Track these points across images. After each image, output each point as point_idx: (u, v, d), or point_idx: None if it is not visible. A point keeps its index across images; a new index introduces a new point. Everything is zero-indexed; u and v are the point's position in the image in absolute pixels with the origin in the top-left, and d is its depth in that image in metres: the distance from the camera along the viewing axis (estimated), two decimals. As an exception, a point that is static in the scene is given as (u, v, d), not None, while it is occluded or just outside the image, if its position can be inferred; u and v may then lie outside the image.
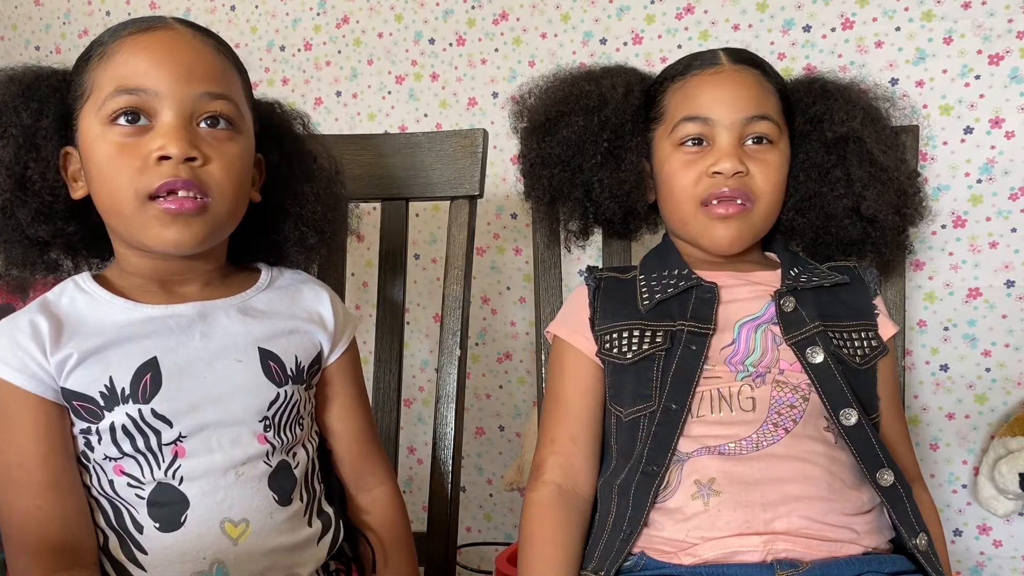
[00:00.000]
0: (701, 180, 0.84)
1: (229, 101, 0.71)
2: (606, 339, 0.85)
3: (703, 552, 0.75)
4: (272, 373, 0.74)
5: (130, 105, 0.67)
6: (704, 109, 0.85)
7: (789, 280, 0.86)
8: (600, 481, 0.84)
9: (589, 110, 0.90)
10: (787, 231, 0.92)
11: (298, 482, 0.75)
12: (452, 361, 0.94)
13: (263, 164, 0.81)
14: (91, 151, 0.69)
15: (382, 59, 1.46)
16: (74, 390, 0.67)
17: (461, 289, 0.97)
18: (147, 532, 0.68)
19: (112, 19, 1.62)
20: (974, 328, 1.21)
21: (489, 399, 1.48)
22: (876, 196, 0.86)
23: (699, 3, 1.26)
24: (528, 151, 0.94)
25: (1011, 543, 1.25)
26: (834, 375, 0.80)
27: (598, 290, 0.89)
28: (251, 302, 0.78)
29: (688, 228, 0.87)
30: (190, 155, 0.67)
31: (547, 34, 1.35)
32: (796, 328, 0.82)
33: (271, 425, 0.73)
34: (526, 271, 1.41)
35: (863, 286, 0.89)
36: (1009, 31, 1.13)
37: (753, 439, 0.78)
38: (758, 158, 0.85)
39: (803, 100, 0.90)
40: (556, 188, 0.92)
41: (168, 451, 0.69)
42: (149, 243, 0.69)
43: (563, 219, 0.97)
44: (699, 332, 0.82)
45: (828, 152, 0.88)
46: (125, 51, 0.69)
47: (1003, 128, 1.15)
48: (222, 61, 0.72)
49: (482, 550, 1.51)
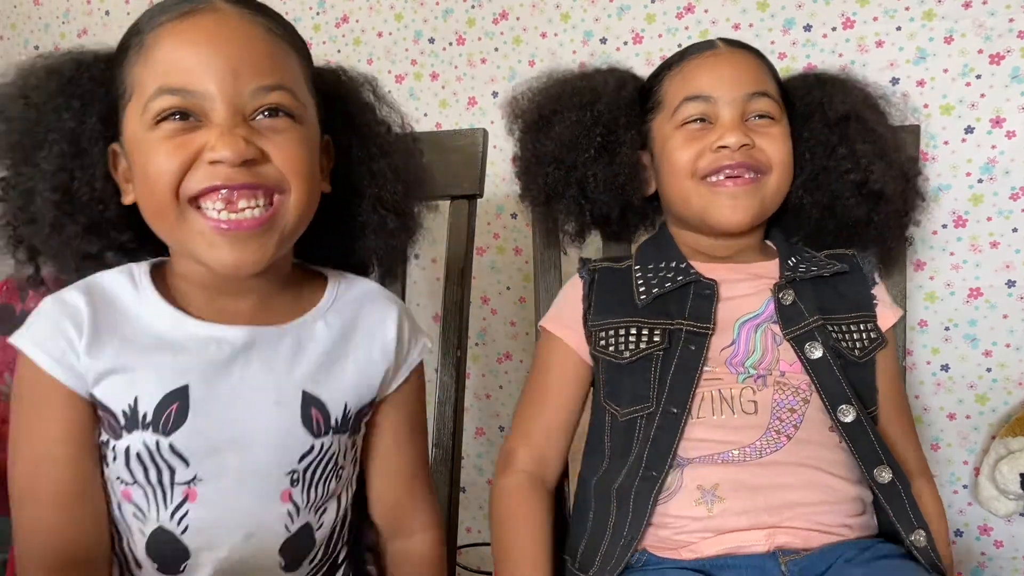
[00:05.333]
0: (704, 155, 0.83)
1: (286, 91, 0.62)
2: (601, 336, 0.85)
3: (706, 548, 0.75)
4: (312, 422, 0.66)
5: (175, 107, 0.59)
6: (705, 88, 0.85)
7: (788, 271, 0.85)
8: (593, 480, 0.84)
9: (582, 105, 0.89)
10: (793, 213, 0.91)
11: (317, 544, 0.68)
12: (452, 361, 0.94)
13: (331, 147, 0.71)
14: (135, 154, 0.61)
15: (382, 59, 1.45)
16: (100, 399, 0.62)
17: (461, 289, 0.97)
18: (146, 569, 0.63)
19: (111, 18, 1.62)
20: (975, 328, 1.20)
21: (489, 399, 1.48)
22: (883, 170, 0.86)
23: (699, 2, 1.26)
24: (523, 151, 0.94)
25: (1012, 544, 1.25)
26: (832, 370, 0.80)
27: (592, 283, 0.89)
28: (309, 330, 0.68)
29: (691, 206, 0.86)
30: (246, 156, 0.58)
31: (547, 34, 1.35)
32: (795, 323, 0.81)
33: (300, 480, 0.65)
34: (526, 271, 1.41)
35: (861, 275, 0.88)
36: (1010, 30, 1.12)
37: (756, 446, 0.77)
38: (763, 131, 0.84)
39: (800, 89, 0.91)
40: (551, 187, 0.92)
41: (179, 491, 0.62)
42: (206, 263, 0.61)
43: (559, 221, 0.97)
44: (698, 332, 0.81)
45: (831, 131, 0.88)
46: (165, 44, 0.60)
47: (1004, 128, 1.14)
48: (276, 44, 0.63)
49: (482, 550, 1.51)
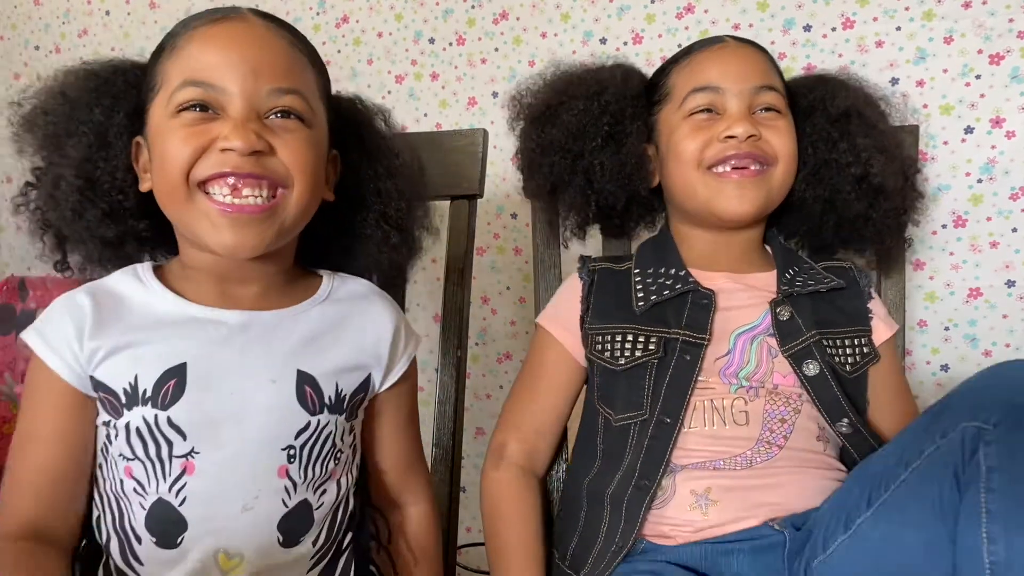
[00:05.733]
0: (711, 144, 0.84)
1: (299, 96, 0.68)
2: (597, 340, 0.85)
3: (702, 536, 0.76)
4: (307, 399, 0.69)
5: (197, 98, 0.65)
6: (713, 79, 0.85)
7: (785, 285, 0.85)
8: (585, 480, 0.84)
9: (589, 95, 0.90)
10: (795, 208, 0.91)
11: (316, 524, 0.70)
12: (452, 361, 0.94)
13: (338, 161, 0.78)
14: (156, 139, 0.67)
15: (382, 59, 1.45)
16: (101, 380, 0.66)
17: (461, 289, 0.97)
18: (145, 543, 0.66)
19: (111, 18, 1.62)
20: (975, 328, 1.20)
21: (489, 399, 1.48)
22: (883, 165, 0.87)
23: (699, 3, 1.26)
24: (527, 142, 0.93)
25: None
26: (830, 386, 0.80)
27: (592, 285, 0.89)
28: (304, 316, 0.73)
29: (696, 196, 0.86)
30: (256, 148, 0.64)
31: (547, 34, 1.35)
32: (792, 339, 0.82)
33: (296, 457, 0.68)
34: (526, 271, 1.41)
35: (858, 289, 0.89)
36: (1010, 31, 1.12)
37: (747, 456, 0.78)
38: (769, 124, 0.85)
39: (802, 87, 0.91)
40: (557, 176, 0.92)
41: (178, 464, 0.65)
42: (208, 244, 0.67)
43: (562, 212, 0.97)
44: (694, 342, 0.81)
45: (832, 126, 0.89)
46: (195, 44, 0.67)
47: (1003, 128, 1.14)
48: (295, 55, 0.70)
49: (482, 550, 1.50)
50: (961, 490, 0.62)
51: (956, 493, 0.63)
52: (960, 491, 0.62)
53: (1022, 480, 0.59)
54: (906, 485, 0.67)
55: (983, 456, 0.61)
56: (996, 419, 0.61)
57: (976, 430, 0.62)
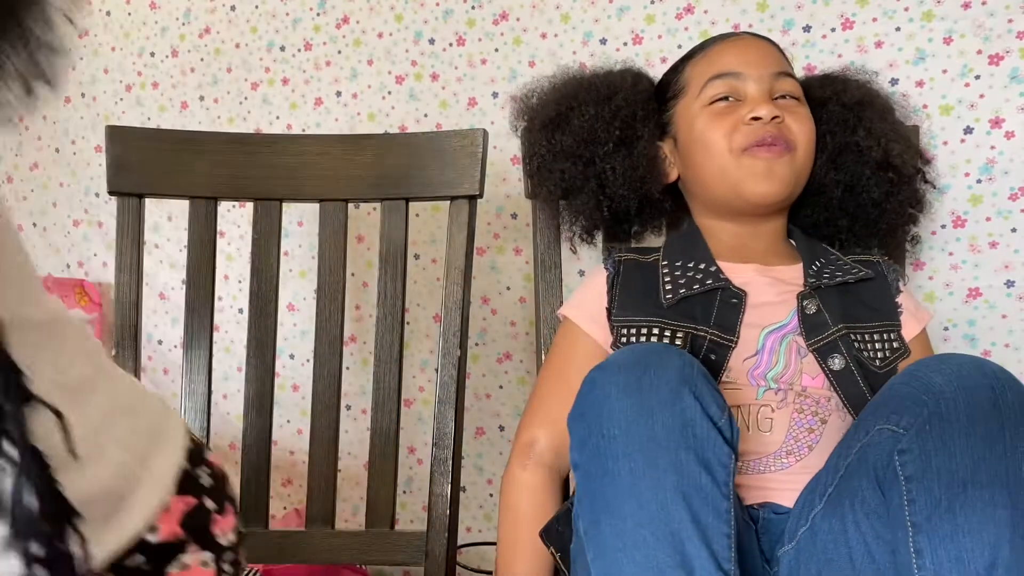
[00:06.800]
0: (738, 128, 0.84)
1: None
2: (623, 332, 0.84)
3: None
4: None
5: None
6: (732, 66, 0.86)
7: (812, 277, 0.85)
8: None
9: (600, 100, 0.90)
10: (814, 194, 0.91)
11: None
12: (452, 361, 0.94)
13: None
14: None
15: (382, 59, 1.46)
16: None
17: (461, 289, 0.97)
18: None
19: (112, 19, 1.62)
20: (974, 328, 1.20)
21: (489, 399, 1.48)
22: (901, 148, 0.88)
23: (699, 3, 1.26)
24: (537, 148, 0.93)
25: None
26: (856, 381, 0.79)
27: (617, 276, 0.88)
28: None
29: (726, 180, 0.86)
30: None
31: (547, 34, 1.35)
32: (818, 332, 0.81)
33: None
34: (526, 271, 1.41)
35: (886, 283, 0.88)
36: (1009, 31, 1.12)
37: (762, 462, 0.78)
38: (790, 110, 0.85)
39: (814, 83, 0.93)
40: (569, 182, 0.92)
41: None
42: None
43: (570, 218, 0.96)
44: (722, 343, 0.80)
45: (848, 112, 0.90)
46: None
47: (1003, 128, 1.14)
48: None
49: (482, 550, 1.51)
50: (884, 492, 0.62)
51: (879, 494, 0.62)
52: (883, 492, 0.62)
53: (940, 487, 0.58)
54: (843, 480, 0.67)
55: (899, 465, 0.60)
56: (907, 422, 0.61)
57: (891, 433, 0.62)
